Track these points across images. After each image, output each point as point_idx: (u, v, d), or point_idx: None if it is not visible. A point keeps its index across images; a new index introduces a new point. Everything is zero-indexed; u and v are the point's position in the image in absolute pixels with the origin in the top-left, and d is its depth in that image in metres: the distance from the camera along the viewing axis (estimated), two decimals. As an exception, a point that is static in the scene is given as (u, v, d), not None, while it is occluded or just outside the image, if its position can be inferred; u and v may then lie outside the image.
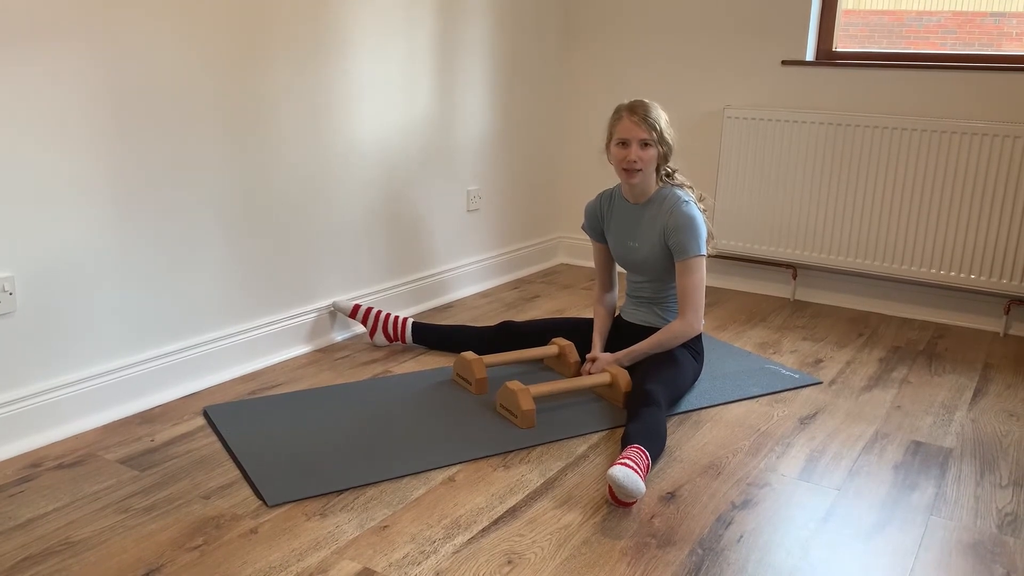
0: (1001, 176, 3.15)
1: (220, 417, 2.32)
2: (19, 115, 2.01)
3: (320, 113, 2.79)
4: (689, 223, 2.48)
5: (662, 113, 2.52)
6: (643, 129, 2.47)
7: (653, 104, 2.53)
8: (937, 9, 4.77)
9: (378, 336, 2.91)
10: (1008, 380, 2.81)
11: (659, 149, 2.50)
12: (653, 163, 2.52)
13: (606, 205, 2.71)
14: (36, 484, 1.97)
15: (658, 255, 2.56)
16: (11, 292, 2.06)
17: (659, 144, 2.50)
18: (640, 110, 2.49)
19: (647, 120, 2.48)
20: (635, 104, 2.52)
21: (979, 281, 3.26)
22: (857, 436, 2.35)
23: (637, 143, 2.48)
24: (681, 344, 2.54)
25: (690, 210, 2.50)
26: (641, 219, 2.59)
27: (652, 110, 2.50)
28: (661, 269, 2.59)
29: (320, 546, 1.75)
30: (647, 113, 2.49)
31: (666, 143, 2.51)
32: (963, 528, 1.90)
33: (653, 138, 2.48)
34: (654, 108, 2.52)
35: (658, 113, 2.51)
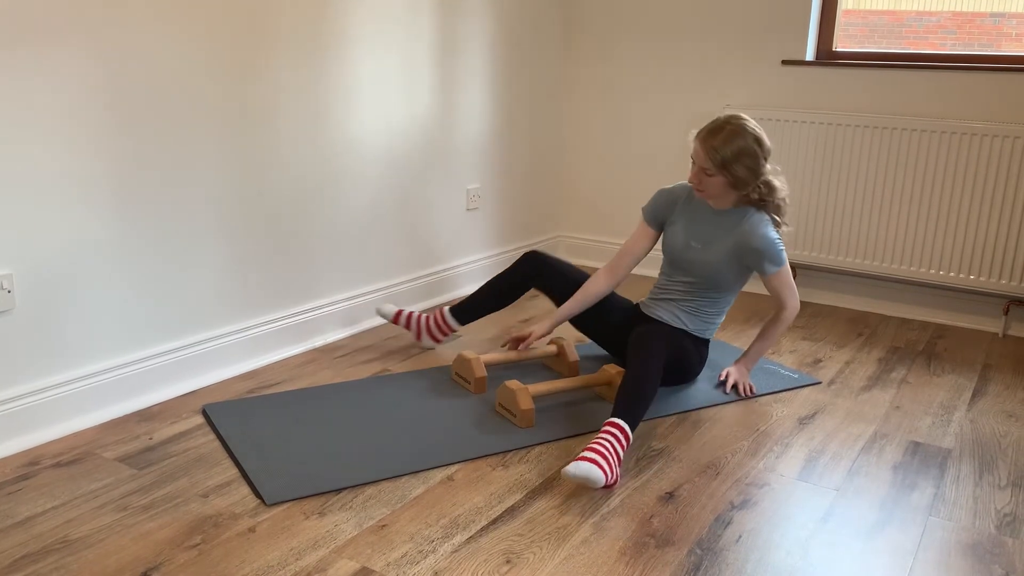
0: (1001, 176, 3.15)
1: (219, 415, 2.32)
2: (19, 113, 2.01)
3: (320, 111, 2.79)
4: (770, 246, 2.42)
5: (739, 140, 2.35)
6: (703, 157, 2.38)
7: (735, 129, 2.37)
8: (937, 9, 4.77)
9: (425, 340, 2.88)
10: (1007, 381, 2.81)
11: (726, 178, 2.38)
12: (719, 189, 2.41)
13: (683, 197, 2.60)
14: (34, 482, 1.97)
15: (719, 264, 2.49)
16: (10, 290, 2.05)
17: (724, 173, 2.37)
18: (709, 139, 2.37)
19: (708, 150, 2.36)
20: (711, 129, 2.39)
21: (978, 281, 3.26)
22: (856, 436, 2.35)
23: (698, 167, 2.41)
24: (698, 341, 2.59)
25: (769, 232, 2.43)
26: (716, 225, 2.50)
27: (720, 139, 2.35)
28: (712, 277, 2.52)
29: (318, 545, 1.75)
30: (711, 142, 2.36)
31: (734, 172, 2.36)
32: (962, 528, 1.90)
33: (711, 170, 2.37)
34: (728, 137, 2.35)
35: (730, 143, 2.35)
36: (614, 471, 1.99)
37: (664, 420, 2.41)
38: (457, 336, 2.94)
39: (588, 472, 1.91)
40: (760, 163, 2.39)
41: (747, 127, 2.38)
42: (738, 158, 2.35)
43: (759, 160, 2.38)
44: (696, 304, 2.57)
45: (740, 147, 2.35)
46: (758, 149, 2.37)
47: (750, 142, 2.36)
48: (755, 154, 2.37)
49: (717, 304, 2.58)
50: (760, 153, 2.38)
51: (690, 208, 2.57)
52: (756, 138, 2.37)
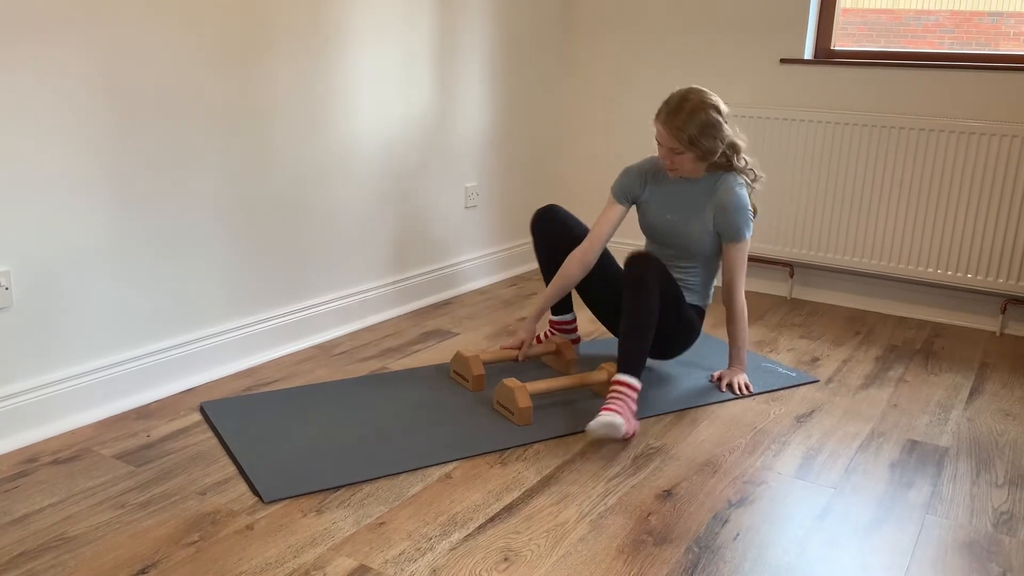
0: (999, 175, 3.16)
1: (216, 413, 2.32)
2: (17, 111, 2.00)
3: (318, 109, 2.79)
4: (744, 208, 2.48)
5: (701, 114, 2.37)
6: (670, 138, 2.40)
7: (695, 105, 2.38)
8: (935, 8, 4.77)
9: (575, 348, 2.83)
10: (1004, 379, 2.81)
11: (695, 153, 2.42)
12: (691, 164, 2.45)
13: (651, 172, 2.61)
14: (32, 479, 1.97)
15: (700, 233, 2.52)
16: (7, 287, 2.05)
17: (693, 149, 2.40)
18: (670, 120, 2.39)
19: (674, 131, 2.38)
20: (671, 110, 2.40)
21: (975, 280, 3.26)
22: (853, 434, 2.35)
23: (667, 148, 2.44)
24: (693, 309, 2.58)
25: (742, 194, 2.49)
26: (690, 195, 2.53)
27: (683, 118, 2.37)
28: (692, 245, 2.54)
29: (316, 543, 1.75)
30: (675, 123, 2.38)
31: (702, 146, 2.40)
32: (959, 527, 1.90)
33: (680, 148, 2.40)
34: (690, 114, 2.37)
35: (692, 119, 2.37)
36: (631, 423, 2.22)
37: (662, 418, 2.41)
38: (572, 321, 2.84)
39: (611, 420, 2.13)
40: (724, 130, 2.43)
41: (705, 99, 2.41)
42: (703, 132, 2.38)
43: (722, 127, 2.42)
44: (682, 275, 2.59)
45: (703, 121, 2.38)
46: (719, 117, 2.41)
47: (711, 113, 2.39)
48: (718, 123, 2.40)
49: (704, 272, 2.62)
50: (722, 120, 2.42)
51: (660, 182, 2.59)
52: (714, 106, 2.41)
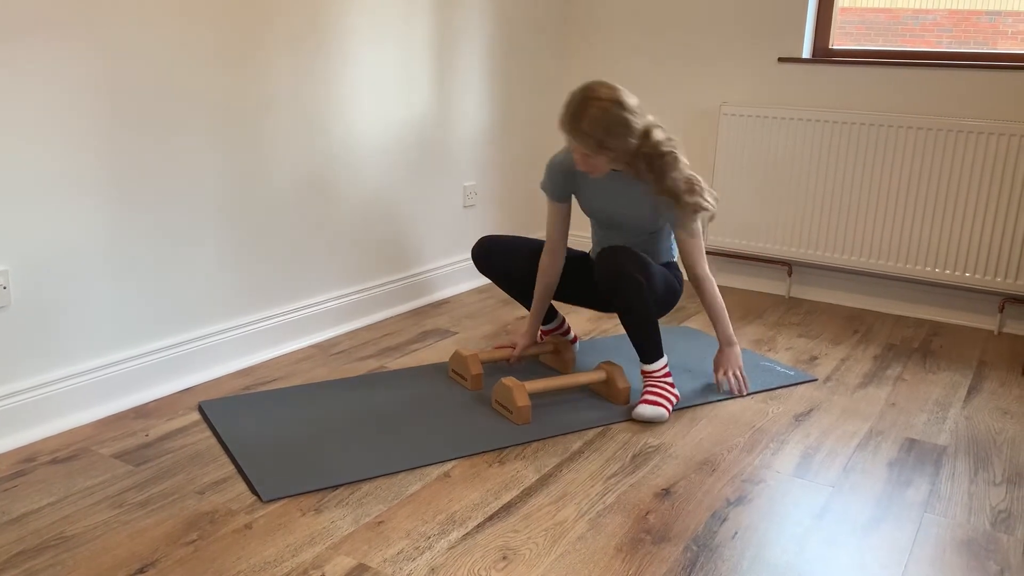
0: (996, 174, 3.16)
1: (215, 412, 2.32)
2: (14, 109, 2.00)
3: (316, 108, 2.79)
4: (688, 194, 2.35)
5: (604, 116, 2.23)
6: (578, 144, 2.28)
7: (594, 108, 2.23)
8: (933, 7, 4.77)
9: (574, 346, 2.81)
10: (1002, 378, 2.82)
11: (607, 155, 2.28)
12: (607, 165, 2.33)
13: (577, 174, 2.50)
14: (30, 479, 1.97)
15: (641, 215, 2.45)
16: (5, 286, 2.05)
17: (604, 151, 2.27)
18: (574, 127, 2.25)
19: (580, 138, 2.26)
20: (572, 115, 2.25)
21: (973, 279, 3.26)
22: (852, 433, 2.35)
23: (579, 153, 2.32)
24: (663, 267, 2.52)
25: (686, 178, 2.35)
26: (623, 184, 2.43)
27: (587, 123, 2.23)
28: (639, 224, 2.48)
29: (315, 541, 1.75)
30: (580, 128, 2.24)
31: (612, 146, 2.26)
32: (957, 525, 1.90)
33: (593, 149, 2.27)
34: (593, 118, 2.23)
35: (597, 123, 2.23)
36: (671, 399, 2.42)
37: (660, 417, 2.41)
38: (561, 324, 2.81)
39: (656, 413, 2.36)
40: (632, 124, 2.27)
41: (603, 96, 2.25)
42: (610, 132, 2.24)
43: (630, 123, 2.26)
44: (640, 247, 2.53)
45: (607, 122, 2.23)
46: (624, 114, 2.25)
47: (614, 111, 2.24)
48: (623, 120, 2.25)
49: (660, 236, 2.54)
50: (627, 117, 2.26)
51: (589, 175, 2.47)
52: (617, 102, 2.25)
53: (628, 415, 2.39)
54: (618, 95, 2.27)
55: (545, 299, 2.63)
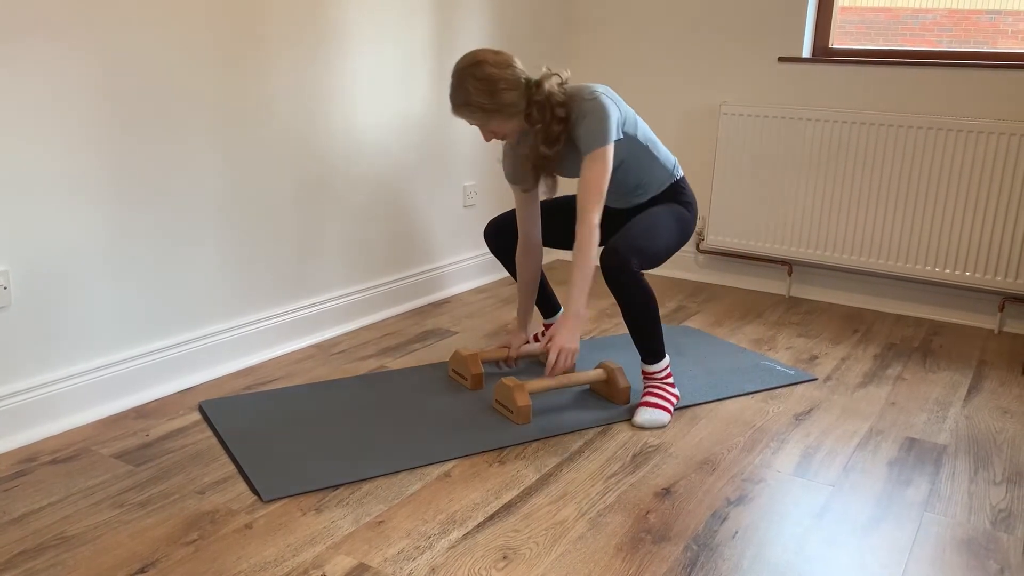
0: (996, 173, 3.16)
1: (215, 412, 2.32)
2: (15, 109, 2.00)
3: (316, 108, 2.79)
4: (587, 116, 2.24)
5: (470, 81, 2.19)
6: (467, 118, 2.27)
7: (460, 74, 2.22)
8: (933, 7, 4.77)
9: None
10: (1002, 377, 2.82)
11: (495, 117, 2.24)
12: (506, 125, 2.27)
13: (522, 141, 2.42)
14: (31, 479, 1.97)
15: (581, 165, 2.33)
16: (6, 286, 2.05)
17: (487, 113, 2.23)
18: (452, 100, 2.25)
19: (458, 109, 2.25)
20: (449, 92, 2.26)
21: (973, 278, 3.26)
22: (852, 433, 2.35)
23: (477, 127, 2.28)
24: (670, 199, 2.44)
25: (585, 106, 2.25)
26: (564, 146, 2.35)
27: (460, 94, 2.22)
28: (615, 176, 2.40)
29: (315, 541, 1.75)
30: (456, 100, 2.24)
31: (492, 106, 2.21)
32: (957, 524, 1.90)
33: (480, 119, 2.24)
34: (457, 87, 2.22)
35: (463, 88, 2.21)
36: (671, 400, 2.40)
37: (660, 416, 2.41)
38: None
39: (655, 420, 2.33)
40: (509, 77, 2.22)
41: (468, 61, 2.23)
42: (481, 92, 2.20)
43: (501, 79, 2.20)
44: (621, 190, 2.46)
45: (475, 84, 2.20)
46: (493, 70, 2.20)
47: (482, 70, 2.20)
48: (492, 76, 2.19)
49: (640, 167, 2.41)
50: (497, 71, 2.21)
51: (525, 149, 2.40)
52: (479, 62, 2.21)
53: (628, 415, 2.39)
54: (483, 56, 2.23)
55: (529, 295, 2.64)
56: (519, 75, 2.25)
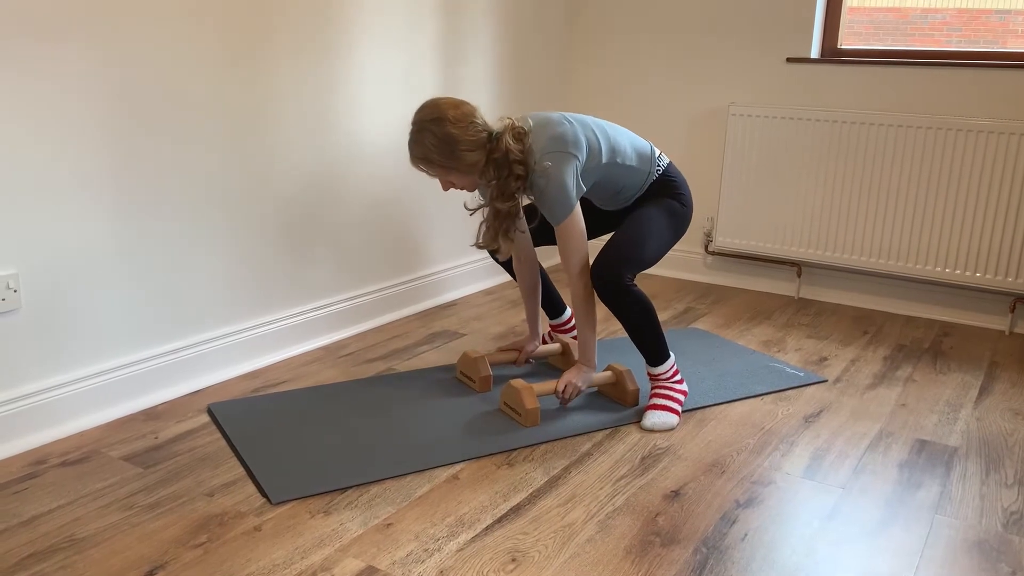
0: (1007, 174, 3.14)
1: (224, 414, 2.33)
2: (23, 113, 2.01)
3: (322, 111, 2.79)
4: (543, 198, 2.24)
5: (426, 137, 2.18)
6: (425, 170, 2.27)
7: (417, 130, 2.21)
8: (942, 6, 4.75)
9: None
10: (1013, 378, 2.80)
11: (453, 174, 2.24)
12: (465, 179, 2.27)
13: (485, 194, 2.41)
14: (40, 481, 1.97)
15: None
16: (16, 289, 2.06)
17: (447, 170, 2.23)
18: (411, 152, 2.24)
19: (417, 162, 2.25)
20: (409, 142, 2.24)
21: (984, 279, 3.25)
22: (862, 434, 2.34)
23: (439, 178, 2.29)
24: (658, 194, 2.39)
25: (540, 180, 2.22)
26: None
27: (419, 148, 2.21)
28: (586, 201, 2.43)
29: (324, 544, 1.75)
30: (414, 153, 2.24)
31: (451, 164, 2.20)
32: (968, 527, 1.89)
33: (438, 173, 2.25)
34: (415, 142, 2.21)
35: (421, 144, 2.20)
36: (679, 400, 2.39)
37: (669, 418, 2.41)
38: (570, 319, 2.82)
39: (663, 422, 2.32)
40: (468, 136, 2.18)
41: (428, 117, 2.19)
42: (441, 151, 2.19)
43: (460, 139, 2.18)
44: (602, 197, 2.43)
45: (434, 142, 2.18)
46: (454, 130, 2.16)
47: (442, 129, 2.17)
48: (451, 137, 2.17)
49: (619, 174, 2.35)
50: (459, 134, 2.17)
51: None
52: (438, 120, 2.18)
53: (637, 418, 2.38)
54: (443, 112, 2.18)
55: (533, 301, 2.64)
56: (479, 133, 2.21)
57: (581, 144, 2.26)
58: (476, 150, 2.21)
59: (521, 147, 2.23)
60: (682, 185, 2.44)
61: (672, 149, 3.86)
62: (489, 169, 2.25)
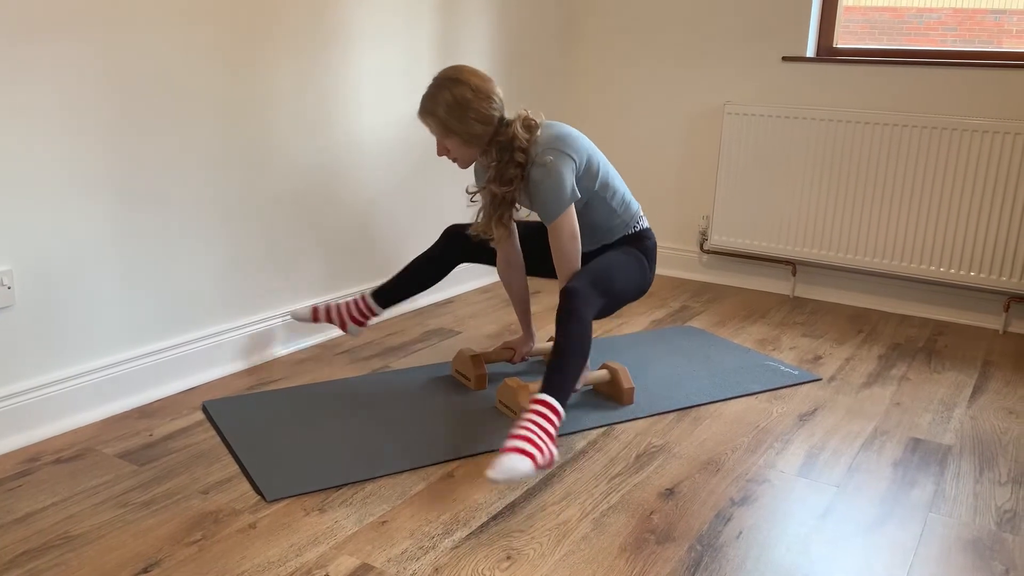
0: (1001, 173, 3.15)
1: (219, 412, 2.32)
2: (18, 109, 2.00)
3: (319, 108, 2.79)
4: (539, 191, 2.23)
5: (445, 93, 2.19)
6: (427, 125, 2.26)
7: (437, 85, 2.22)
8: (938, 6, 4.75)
9: (351, 328, 2.68)
10: (1007, 377, 2.81)
11: (456, 138, 2.23)
12: (462, 150, 2.26)
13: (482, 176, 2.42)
14: (35, 478, 1.97)
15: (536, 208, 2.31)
16: (9, 286, 2.05)
17: (450, 133, 2.22)
18: (422, 106, 2.25)
19: (423, 116, 2.25)
20: (423, 95, 2.25)
21: (979, 278, 3.26)
22: (856, 433, 2.35)
23: (437, 140, 2.28)
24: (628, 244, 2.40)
25: (537, 172, 2.22)
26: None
27: (430, 102, 2.22)
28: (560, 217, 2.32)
29: (319, 541, 1.75)
30: (425, 107, 2.24)
31: (457, 128, 2.20)
32: (962, 525, 1.90)
33: (440, 132, 2.24)
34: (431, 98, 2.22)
35: (437, 101, 2.20)
36: (546, 451, 1.89)
37: (664, 416, 2.41)
38: (379, 319, 2.83)
39: (512, 468, 1.80)
40: (483, 109, 2.20)
41: (454, 76, 2.22)
42: (451, 112, 2.19)
43: (475, 107, 2.19)
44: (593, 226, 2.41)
45: (449, 101, 2.19)
46: (470, 95, 2.19)
47: (460, 91, 2.19)
48: (466, 102, 2.18)
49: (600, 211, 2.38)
50: (474, 98, 2.19)
51: None
52: (465, 84, 2.20)
53: (633, 415, 2.38)
54: (470, 78, 2.21)
55: (524, 303, 2.62)
56: (492, 110, 2.23)
57: (582, 153, 2.29)
58: (484, 124, 2.22)
59: (528, 136, 2.26)
60: (653, 249, 2.46)
61: (668, 147, 3.86)
62: (492, 150, 2.26)
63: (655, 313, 3.36)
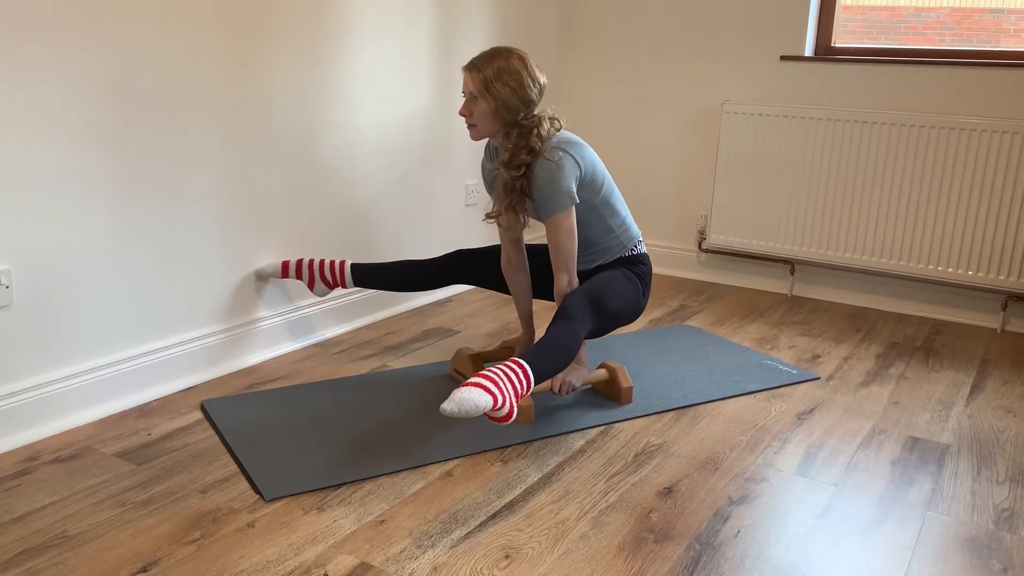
0: (999, 172, 3.15)
1: (217, 411, 2.32)
2: (17, 108, 2.00)
3: (318, 107, 2.79)
4: (542, 185, 2.27)
5: (500, 60, 2.26)
6: (469, 80, 2.28)
7: (498, 51, 2.29)
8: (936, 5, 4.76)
9: (318, 287, 2.71)
10: (1005, 376, 2.81)
11: (489, 102, 2.26)
12: (486, 117, 2.29)
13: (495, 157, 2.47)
14: (33, 477, 1.97)
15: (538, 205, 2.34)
16: (8, 285, 2.05)
17: (488, 94, 2.26)
18: (472, 62, 2.29)
19: (471, 70, 2.28)
20: (476, 56, 2.31)
21: (977, 277, 3.26)
22: (854, 432, 2.35)
23: (467, 96, 2.31)
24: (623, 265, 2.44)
25: (544, 165, 2.26)
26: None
27: (482, 59, 2.28)
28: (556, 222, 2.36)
29: (317, 540, 1.75)
30: (475, 62, 2.28)
31: (496, 93, 2.25)
32: (960, 524, 1.90)
33: (478, 89, 2.26)
34: (487, 58, 2.28)
35: (491, 62, 2.26)
36: (505, 398, 1.89)
37: (662, 415, 2.41)
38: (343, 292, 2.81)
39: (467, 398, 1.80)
40: (525, 85, 2.26)
41: (514, 51, 2.30)
42: (499, 76, 2.25)
43: (522, 79, 2.26)
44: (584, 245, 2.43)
45: (501, 66, 2.26)
46: (523, 71, 2.27)
47: (514, 63, 2.27)
48: (517, 72, 2.26)
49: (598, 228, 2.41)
50: (525, 75, 2.27)
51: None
52: (519, 58, 2.28)
53: (631, 415, 2.39)
54: (524, 55, 2.31)
55: (526, 301, 2.62)
56: (532, 95, 2.29)
57: (588, 163, 2.34)
58: (520, 101, 2.28)
59: (547, 129, 2.31)
60: (649, 274, 2.49)
61: (666, 147, 3.86)
62: (513, 132, 2.31)
63: (653, 312, 3.37)
